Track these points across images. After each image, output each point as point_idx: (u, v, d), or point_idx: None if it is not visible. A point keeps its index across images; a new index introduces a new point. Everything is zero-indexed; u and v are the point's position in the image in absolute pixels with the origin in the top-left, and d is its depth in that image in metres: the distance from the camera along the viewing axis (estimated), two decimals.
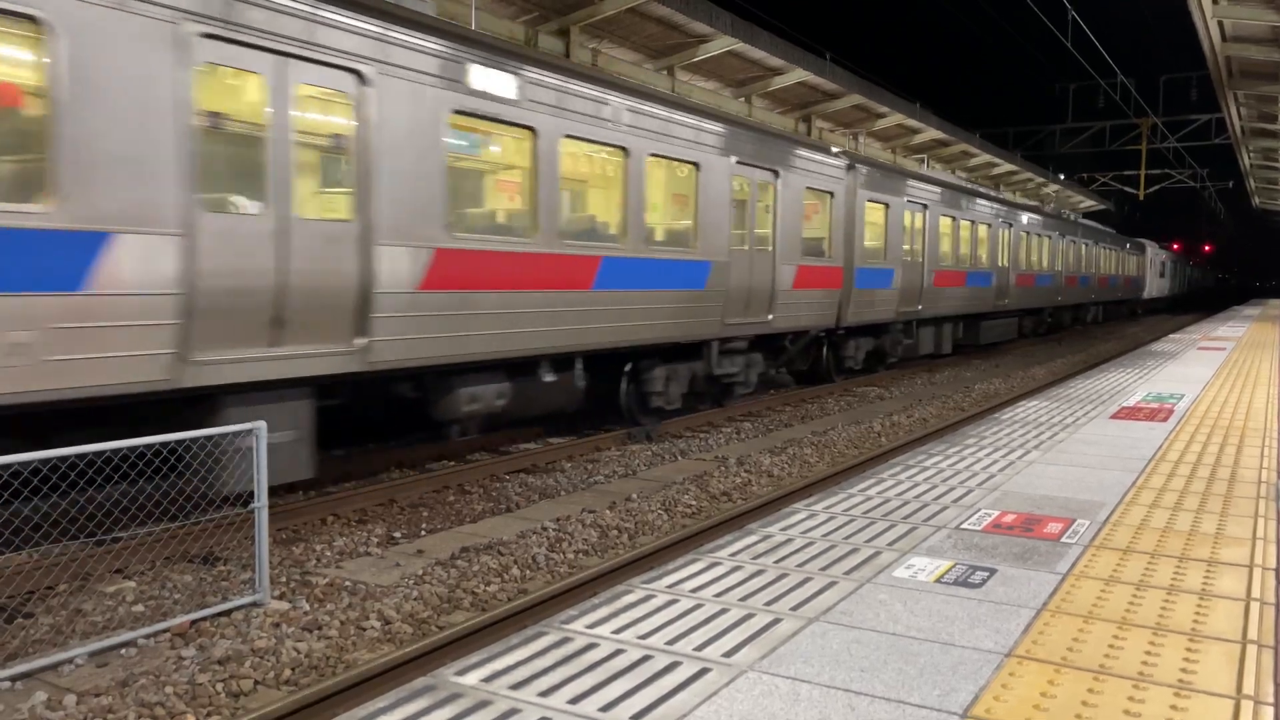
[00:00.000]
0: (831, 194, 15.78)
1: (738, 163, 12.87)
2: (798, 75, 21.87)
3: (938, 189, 20.79)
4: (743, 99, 22.54)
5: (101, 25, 6.05)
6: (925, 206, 19.95)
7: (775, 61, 20.82)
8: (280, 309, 7.18)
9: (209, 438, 6.21)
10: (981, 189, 25.87)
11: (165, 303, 6.44)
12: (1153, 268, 52.54)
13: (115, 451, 5.66)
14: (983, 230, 23.83)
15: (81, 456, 5.50)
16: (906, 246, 19.05)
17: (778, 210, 13.93)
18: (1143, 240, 51.27)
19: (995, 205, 24.88)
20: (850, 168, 16.50)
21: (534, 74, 9.44)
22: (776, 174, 13.84)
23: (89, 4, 5.99)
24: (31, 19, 5.76)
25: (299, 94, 7.31)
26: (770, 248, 13.78)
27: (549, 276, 9.73)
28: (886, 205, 17.97)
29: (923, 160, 33.63)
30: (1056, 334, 34.66)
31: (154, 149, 6.36)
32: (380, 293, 7.90)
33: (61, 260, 5.89)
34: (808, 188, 14.83)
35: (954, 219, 21.76)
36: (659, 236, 11.91)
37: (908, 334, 20.25)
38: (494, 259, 9.05)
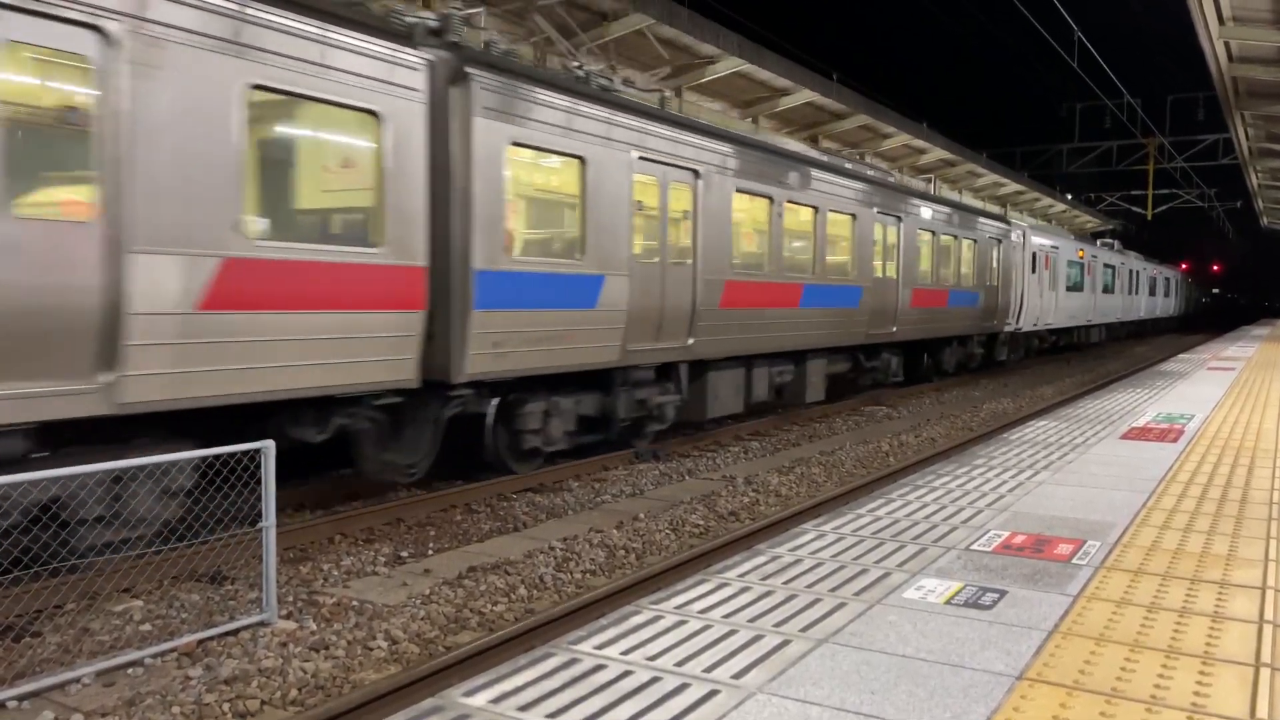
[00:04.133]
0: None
1: (989, 238, 23.23)
2: (805, 96, 21.97)
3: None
4: (750, 119, 22.64)
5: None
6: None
7: (782, 82, 20.91)
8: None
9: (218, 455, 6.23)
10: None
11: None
12: (1034, 273, 27.35)
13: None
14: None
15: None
16: None
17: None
18: (1006, 219, 25.86)
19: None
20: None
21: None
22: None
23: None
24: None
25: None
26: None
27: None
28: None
29: (929, 179, 33.63)
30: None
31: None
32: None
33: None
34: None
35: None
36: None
37: None
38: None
